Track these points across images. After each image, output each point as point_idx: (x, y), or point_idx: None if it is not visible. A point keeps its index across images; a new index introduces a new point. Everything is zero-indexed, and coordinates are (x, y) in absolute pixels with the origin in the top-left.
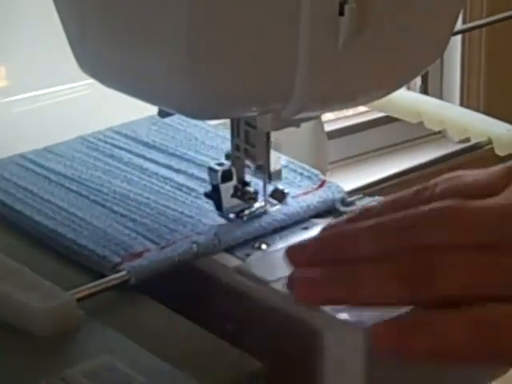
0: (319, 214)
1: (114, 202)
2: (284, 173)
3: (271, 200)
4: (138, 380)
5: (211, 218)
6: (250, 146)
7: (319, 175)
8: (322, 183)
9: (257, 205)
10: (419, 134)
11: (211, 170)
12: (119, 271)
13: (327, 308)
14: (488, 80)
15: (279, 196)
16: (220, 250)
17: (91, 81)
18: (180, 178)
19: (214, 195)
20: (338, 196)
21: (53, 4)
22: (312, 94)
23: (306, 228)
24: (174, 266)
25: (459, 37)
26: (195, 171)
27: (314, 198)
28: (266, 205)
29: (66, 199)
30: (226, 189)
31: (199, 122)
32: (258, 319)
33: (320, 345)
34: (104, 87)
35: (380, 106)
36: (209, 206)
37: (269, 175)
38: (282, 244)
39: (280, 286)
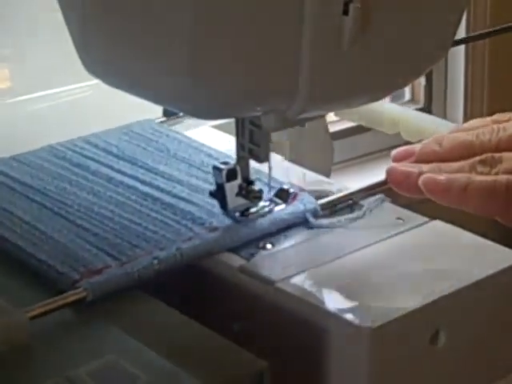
0: (324, 215)
1: (77, 215)
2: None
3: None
4: (142, 379)
5: (175, 232)
6: (254, 145)
7: (292, 188)
8: (295, 196)
9: (261, 204)
10: None
11: (216, 169)
12: (78, 288)
13: (332, 307)
14: (491, 88)
15: (284, 196)
16: (182, 264)
17: (94, 82)
18: (145, 190)
19: (219, 194)
20: (309, 208)
21: (57, 6)
22: (316, 93)
23: (311, 228)
24: (134, 283)
25: (463, 47)
26: (160, 184)
27: (284, 211)
28: (271, 204)
29: (29, 211)
30: (231, 188)
31: (172, 133)
32: (262, 319)
33: (325, 344)
34: (107, 88)
35: (356, 117)
36: (173, 220)
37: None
38: (287, 244)
39: (285, 286)
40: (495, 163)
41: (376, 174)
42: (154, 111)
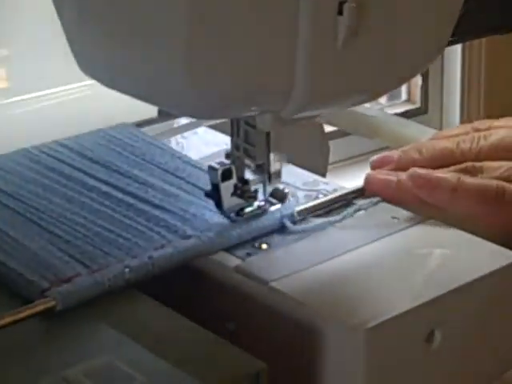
0: (319, 214)
1: (49, 221)
2: None
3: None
4: (138, 380)
5: (148, 239)
6: (249, 145)
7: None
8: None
9: (257, 203)
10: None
11: (211, 169)
12: (47, 297)
13: (327, 308)
14: (488, 88)
15: (280, 195)
16: (154, 273)
17: (91, 82)
18: (119, 196)
19: (214, 194)
20: (286, 213)
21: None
22: (311, 93)
23: (313, 228)
24: (105, 291)
25: (459, 46)
26: (134, 189)
27: (262, 219)
28: (266, 204)
29: (0, 217)
30: (226, 187)
31: (148, 138)
32: (257, 319)
33: (320, 345)
34: (104, 88)
35: (336, 121)
36: (146, 227)
37: (268, 176)
38: (282, 244)
39: (280, 286)
40: (476, 172)
41: None
42: (150, 111)
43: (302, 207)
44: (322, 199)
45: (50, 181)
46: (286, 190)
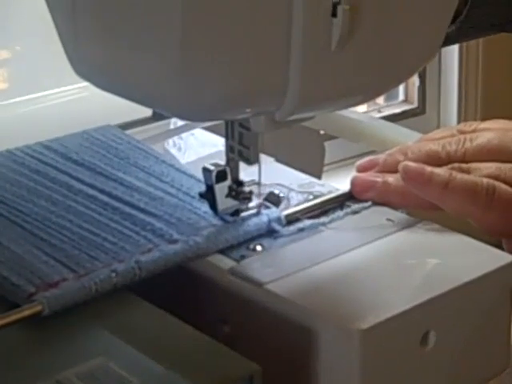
0: (315, 215)
1: (34, 224)
2: None
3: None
4: (132, 382)
5: (134, 243)
6: (244, 147)
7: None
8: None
9: (251, 205)
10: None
11: (206, 171)
12: (34, 301)
13: (322, 309)
14: (485, 88)
15: (274, 199)
16: (141, 278)
17: (87, 83)
18: (105, 199)
19: (209, 196)
20: (273, 217)
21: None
22: (305, 95)
23: (301, 229)
24: (92, 296)
25: (456, 46)
26: (119, 193)
27: (248, 223)
28: (260, 206)
29: None
30: (221, 189)
31: (132, 140)
32: (252, 321)
33: (315, 346)
34: (98, 90)
35: (321, 125)
36: (133, 231)
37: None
38: (277, 246)
39: (275, 288)
40: (463, 173)
41: None
42: (145, 113)
43: (289, 211)
44: (310, 202)
45: (34, 183)
46: (282, 195)
